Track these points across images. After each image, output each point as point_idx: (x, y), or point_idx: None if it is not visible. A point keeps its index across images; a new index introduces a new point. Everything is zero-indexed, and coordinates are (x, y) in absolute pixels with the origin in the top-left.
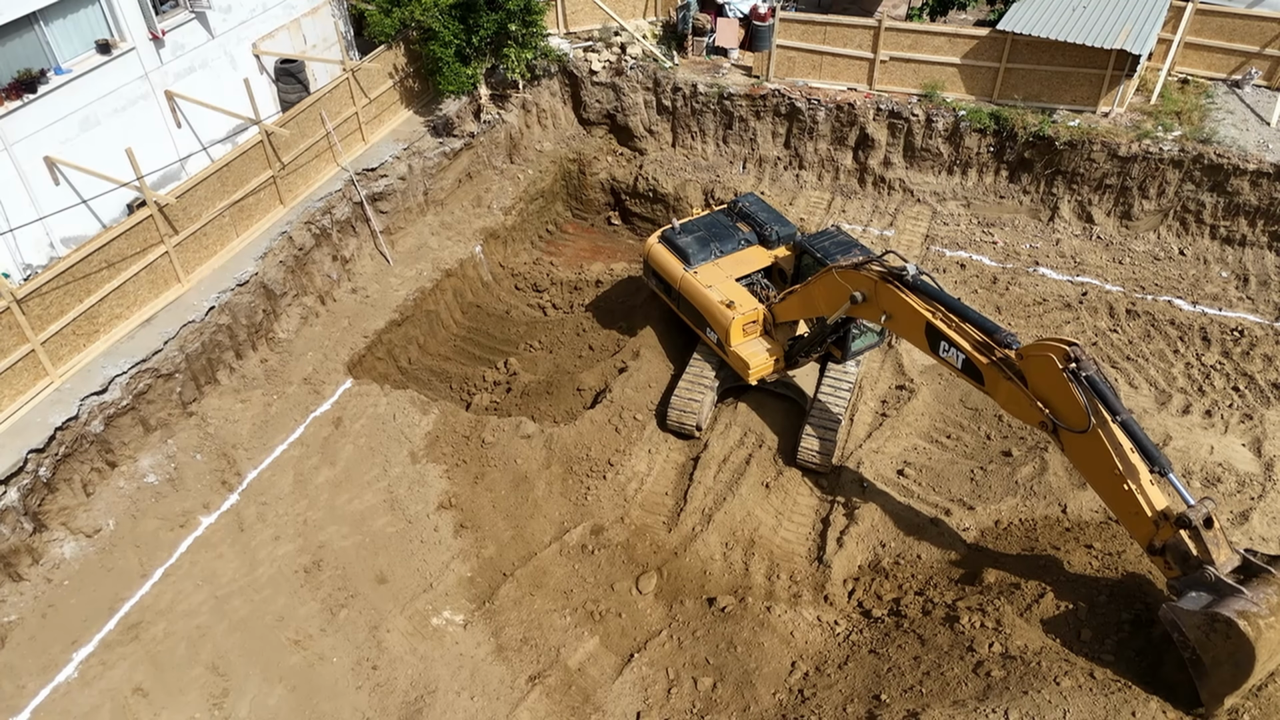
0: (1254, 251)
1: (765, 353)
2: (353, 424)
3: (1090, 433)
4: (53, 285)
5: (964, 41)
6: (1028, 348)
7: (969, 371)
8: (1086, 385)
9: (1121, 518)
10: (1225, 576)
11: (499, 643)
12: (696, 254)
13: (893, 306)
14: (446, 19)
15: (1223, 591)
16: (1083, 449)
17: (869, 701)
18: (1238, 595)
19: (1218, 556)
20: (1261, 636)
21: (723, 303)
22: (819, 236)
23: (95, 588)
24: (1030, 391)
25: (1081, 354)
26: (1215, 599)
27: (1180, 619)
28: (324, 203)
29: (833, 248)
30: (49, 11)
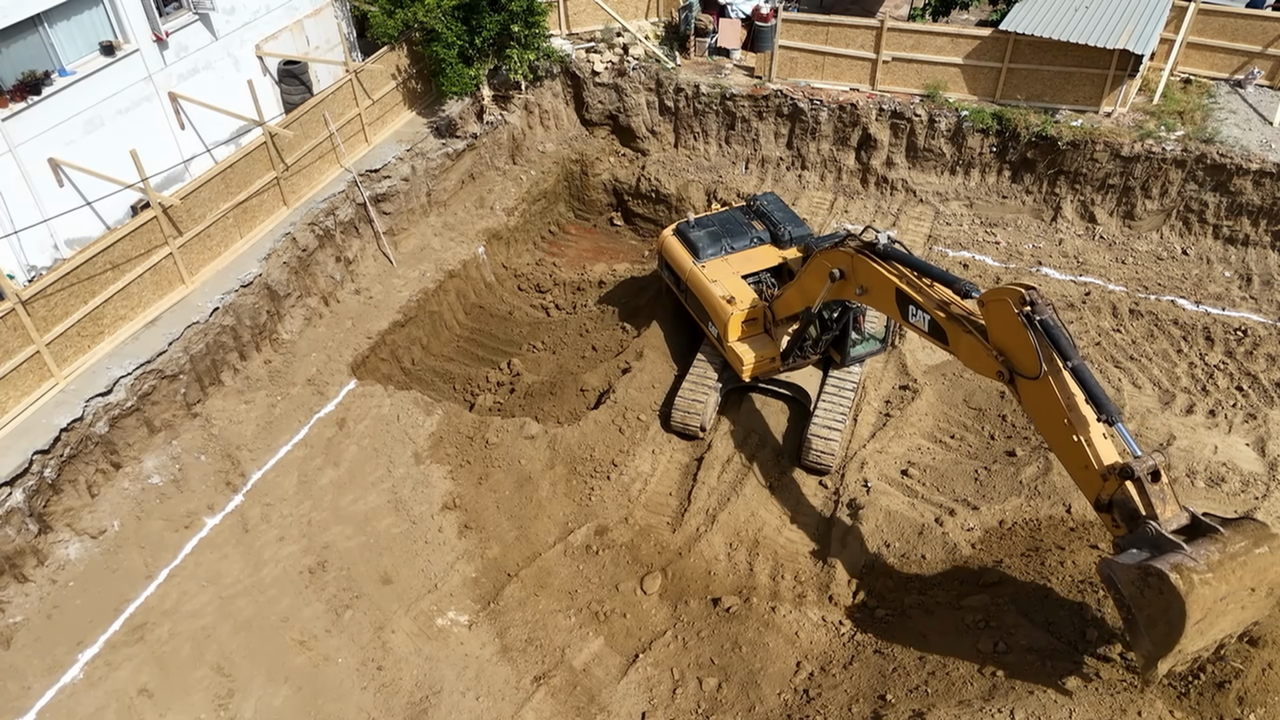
0: (1257, 251)
1: (762, 350)
2: (356, 425)
3: (1042, 380)
4: (57, 287)
5: (966, 42)
6: (988, 293)
7: (935, 333)
8: (1040, 329)
9: (1072, 473)
10: (1169, 533)
11: (504, 643)
12: (706, 248)
13: (866, 278)
14: (449, 20)
15: (1163, 547)
16: (1036, 397)
17: (874, 701)
18: (1177, 550)
19: (1162, 511)
20: (1194, 591)
21: (724, 298)
22: (828, 239)
23: (100, 589)
24: (991, 342)
25: (1038, 298)
26: (1154, 554)
27: (1115, 573)
28: (327, 204)
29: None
30: (53, 13)
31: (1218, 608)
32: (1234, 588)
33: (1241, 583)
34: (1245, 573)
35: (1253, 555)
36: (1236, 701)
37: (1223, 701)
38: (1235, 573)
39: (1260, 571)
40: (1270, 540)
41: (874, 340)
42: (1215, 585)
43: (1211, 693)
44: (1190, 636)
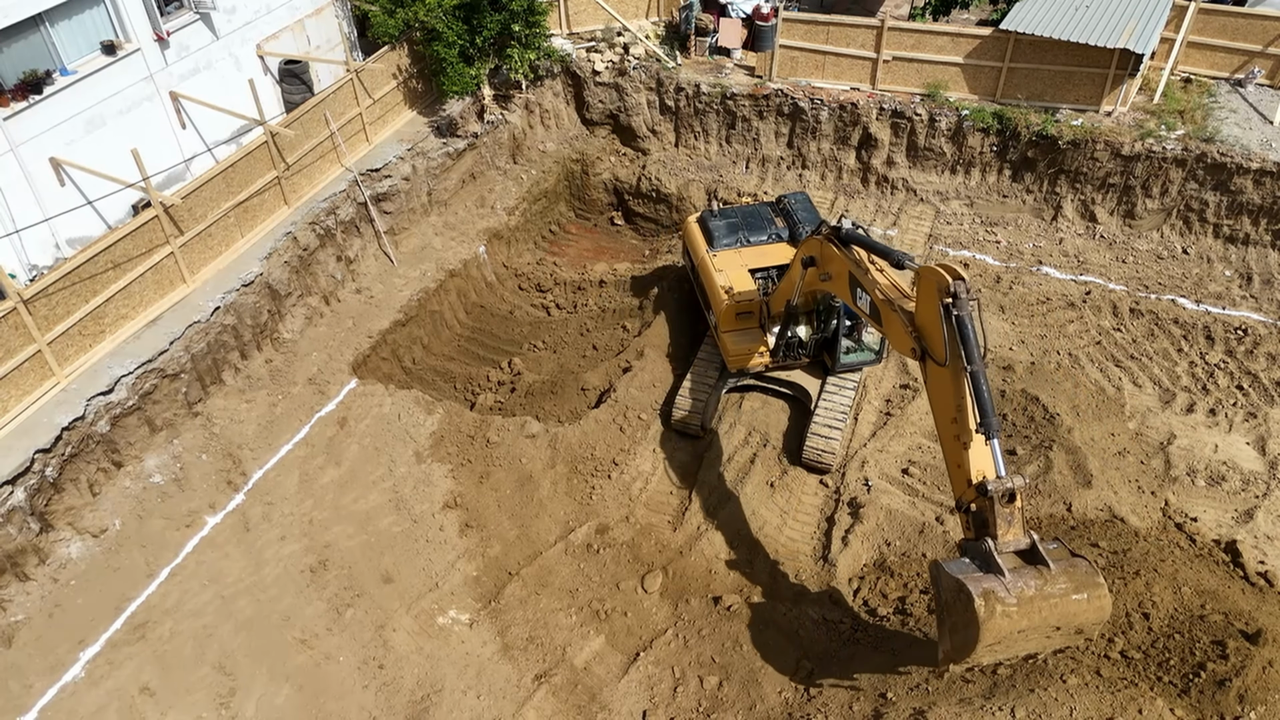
0: (1257, 250)
1: (751, 343)
2: (358, 424)
3: (946, 370)
4: (59, 286)
5: (967, 41)
6: (923, 268)
7: (874, 314)
8: (953, 324)
9: (947, 465)
10: (1001, 554)
11: (505, 642)
12: (722, 238)
13: (827, 262)
14: (450, 20)
15: (990, 567)
16: (937, 384)
17: (875, 699)
18: (997, 575)
19: (1004, 533)
20: (992, 620)
21: (724, 287)
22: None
23: (102, 587)
24: (916, 315)
25: (963, 290)
26: (977, 571)
27: (940, 576)
28: (328, 203)
29: None
30: (54, 13)
31: (1015, 637)
32: (1035, 624)
33: (1045, 621)
34: (1053, 614)
35: (1067, 599)
36: (1237, 699)
37: (1223, 699)
38: (1042, 612)
39: (1069, 616)
40: (1092, 589)
41: (868, 351)
42: (1016, 619)
43: (1212, 690)
44: (982, 654)
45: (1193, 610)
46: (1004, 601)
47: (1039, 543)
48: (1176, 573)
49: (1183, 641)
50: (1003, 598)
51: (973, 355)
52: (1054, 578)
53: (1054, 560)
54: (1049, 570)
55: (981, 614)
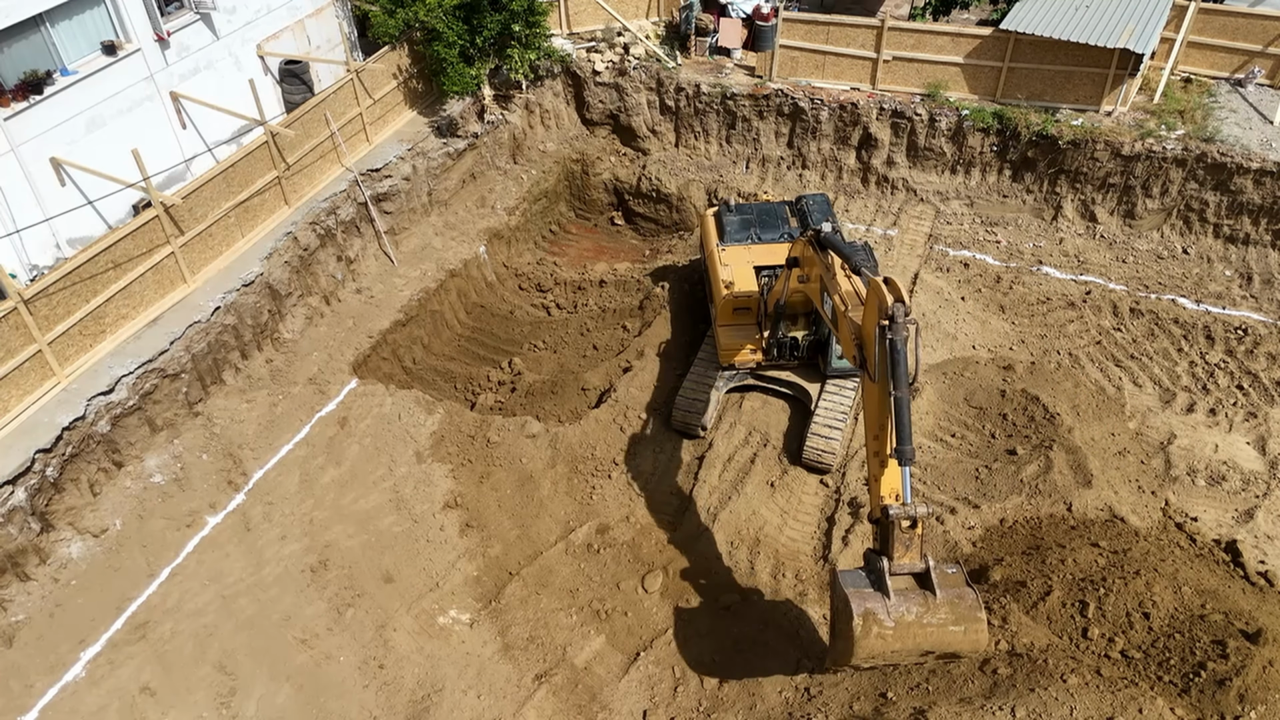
0: (1257, 250)
1: (744, 340)
2: (358, 424)
3: (876, 387)
4: (59, 286)
5: (967, 41)
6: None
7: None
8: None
9: (869, 476)
10: (893, 574)
11: (505, 641)
12: (733, 233)
13: (807, 265)
14: (450, 20)
15: (880, 585)
16: (868, 398)
17: (875, 699)
18: (883, 596)
19: (900, 556)
20: (866, 640)
21: (725, 281)
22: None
23: (102, 587)
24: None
25: (900, 314)
26: (867, 587)
27: (834, 584)
28: (329, 203)
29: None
30: (55, 13)
31: (889, 655)
32: (908, 648)
33: (918, 645)
34: (928, 641)
35: (944, 629)
36: (1237, 699)
37: (1223, 699)
38: (916, 637)
39: (944, 644)
40: (971, 623)
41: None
42: (890, 641)
43: (1212, 690)
44: (859, 664)
45: (1193, 610)
46: (881, 624)
47: (933, 569)
48: (1177, 572)
49: (1183, 641)
50: (881, 620)
51: (899, 381)
52: (937, 607)
53: (943, 588)
54: (934, 598)
55: (857, 633)
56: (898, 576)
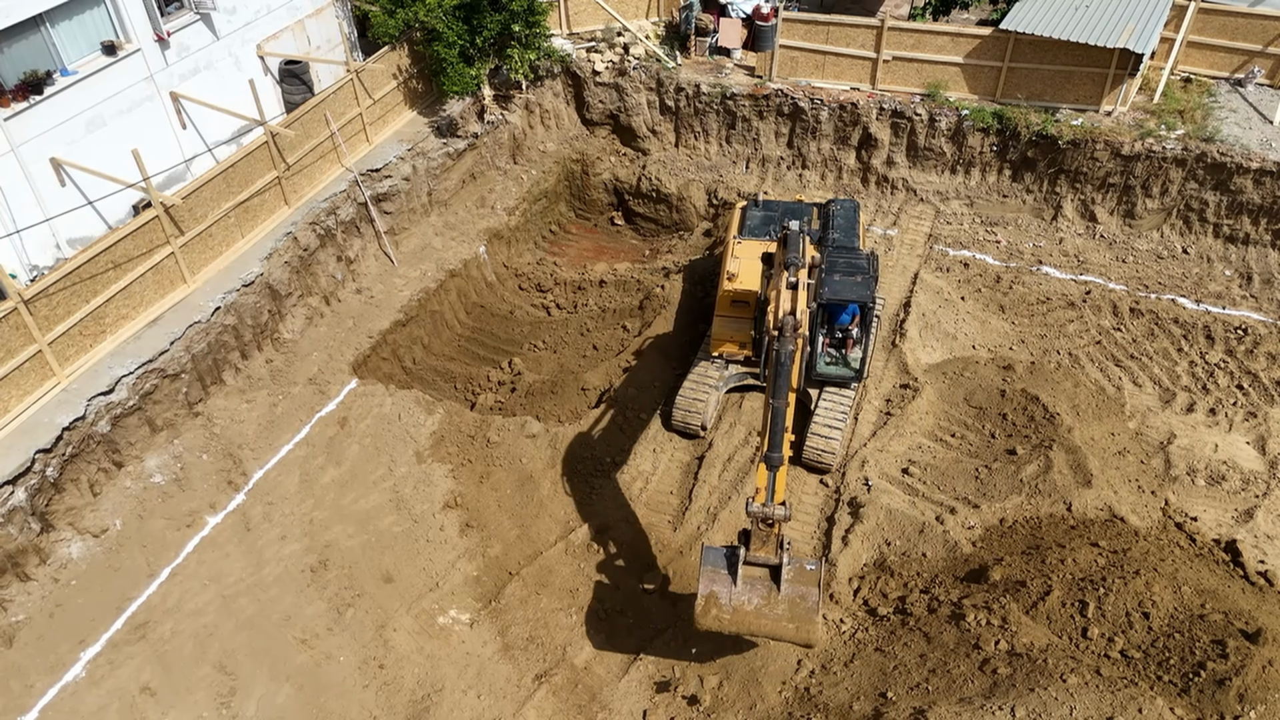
0: (1257, 250)
1: (734, 332)
2: (358, 424)
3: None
4: (60, 286)
5: (967, 41)
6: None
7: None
8: (772, 356)
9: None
10: (746, 563)
11: (505, 641)
12: (753, 228)
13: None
14: (450, 20)
15: (733, 571)
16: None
17: (875, 699)
18: (730, 582)
19: (755, 549)
20: (705, 619)
21: (729, 273)
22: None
23: (102, 587)
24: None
25: (788, 328)
26: (722, 569)
27: (702, 558)
28: (328, 203)
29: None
30: (55, 13)
31: (726, 630)
32: (744, 630)
33: (752, 631)
34: (762, 629)
35: (779, 623)
36: (1237, 698)
37: (1223, 698)
38: (751, 625)
39: (775, 634)
40: (805, 623)
41: (847, 367)
42: (726, 623)
43: (1212, 690)
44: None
45: (1193, 609)
46: (720, 607)
47: (786, 566)
48: (1176, 572)
49: (1183, 641)
50: (720, 604)
51: (778, 391)
52: (777, 602)
53: (791, 584)
54: (778, 593)
55: (697, 611)
56: (751, 566)
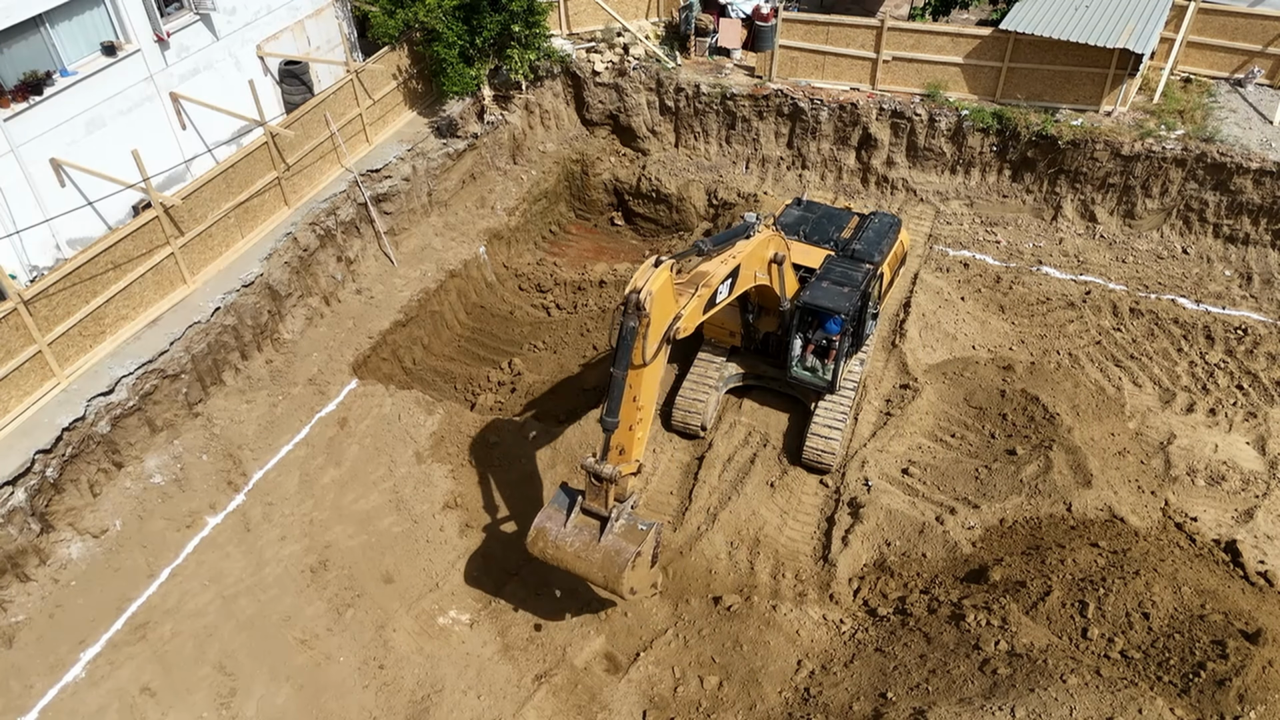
0: (1257, 250)
1: (729, 322)
2: (358, 424)
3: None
4: (59, 286)
5: (966, 41)
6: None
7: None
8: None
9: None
10: (581, 510)
11: (505, 642)
12: (786, 225)
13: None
14: (450, 20)
15: (567, 513)
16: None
17: (875, 699)
18: (562, 522)
19: (589, 499)
20: (534, 547)
21: None
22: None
23: (102, 588)
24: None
25: (631, 304)
26: (561, 509)
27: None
28: (328, 204)
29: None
30: (55, 14)
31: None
32: (564, 567)
33: (570, 569)
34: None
35: (591, 569)
36: (1237, 699)
37: (1223, 699)
38: (568, 563)
39: (589, 578)
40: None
41: (818, 377)
42: (549, 557)
43: (1212, 690)
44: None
45: (1193, 610)
46: (546, 541)
47: (613, 521)
48: (1176, 572)
49: (1183, 641)
50: (549, 539)
51: (617, 360)
52: (595, 549)
53: (614, 536)
54: (598, 543)
55: (528, 540)
56: (584, 514)
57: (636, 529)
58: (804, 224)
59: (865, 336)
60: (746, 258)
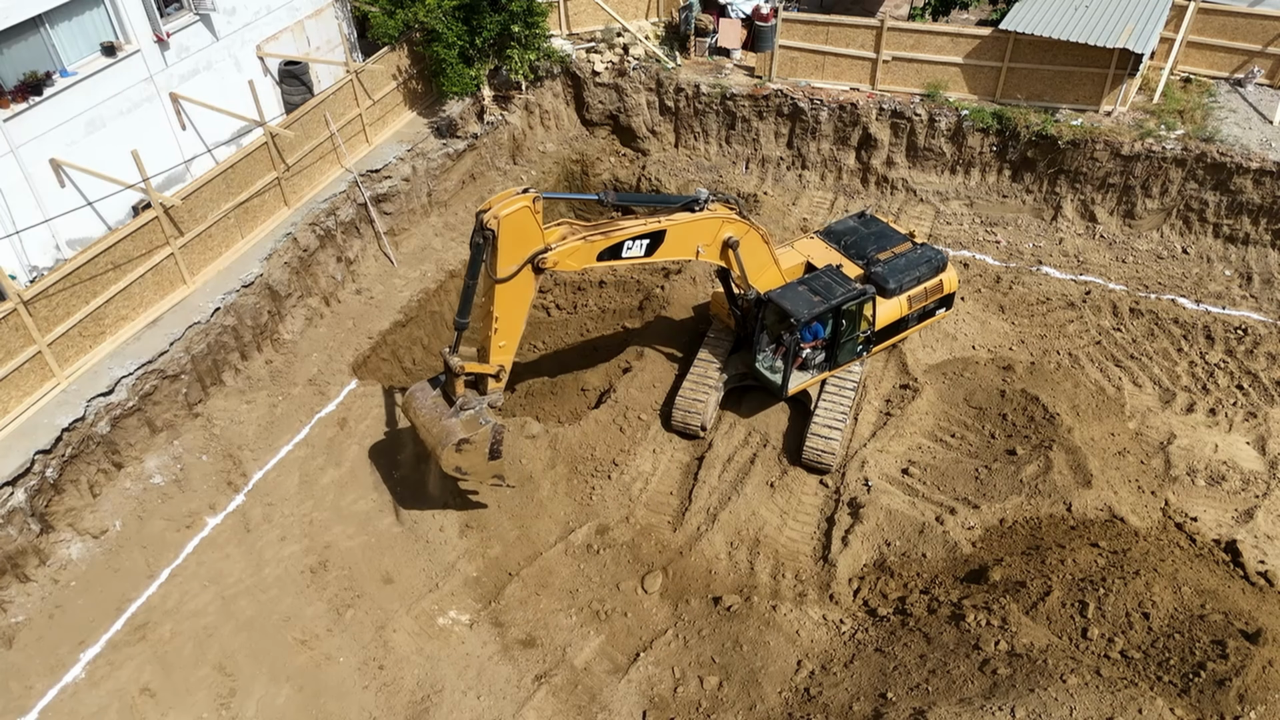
0: (1257, 250)
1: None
2: (358, 425)
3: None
4: (59, 287)
5: (966, 41)
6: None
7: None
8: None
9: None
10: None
11: (505, 642)
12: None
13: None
14: (450, 20)
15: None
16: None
17: (875, 700)
18: (428, 394)
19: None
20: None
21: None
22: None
23: (102, 588)
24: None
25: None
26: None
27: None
28: (328, 204)
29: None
30: (54, 14)
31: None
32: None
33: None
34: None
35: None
36: (1237, 699)
37: (1223, 699)
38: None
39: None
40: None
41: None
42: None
43: (1212, 690)
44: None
45: (1193, 610)
46: (411, 405)
47: (461, 407)
48: (1176, 572)
49: (1183, 641)
50: (412, 404)
51: (468, 269)
52: (437, 425)
53: (450, 419)
54: (442, 420)
55: (400, 402)
56: (442, 394)
57: (477, 421)
58: (851, 235)
59: (839, 358)
60: (677, 228)
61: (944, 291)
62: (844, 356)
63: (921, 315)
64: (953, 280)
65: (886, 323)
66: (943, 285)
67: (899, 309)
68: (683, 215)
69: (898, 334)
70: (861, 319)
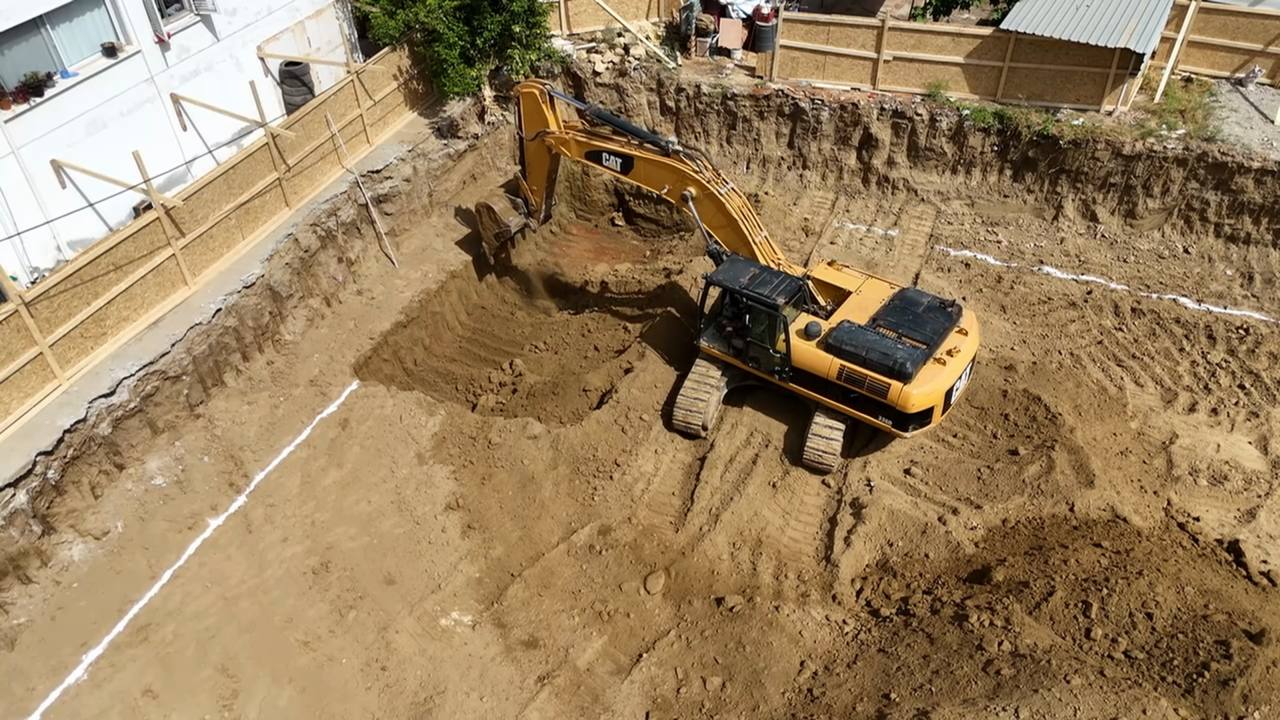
0: (1259, 249)
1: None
2: (359, 425)
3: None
4: (60, 288)
5: (967, 41)
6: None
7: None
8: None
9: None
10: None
11: (507, 643)
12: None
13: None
14: (451, 21)
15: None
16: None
17: (878, 700)
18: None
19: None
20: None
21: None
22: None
23: (104, 590)
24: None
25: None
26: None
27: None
28: (329, 205)
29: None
30: (55, 15)
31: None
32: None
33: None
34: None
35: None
36: (1241, 699)
37: (1227, 699)
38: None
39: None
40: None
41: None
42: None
43: (1216, 690)
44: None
45: (1196, 610)
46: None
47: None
48: (1179, 572)
49: (1186, 641)
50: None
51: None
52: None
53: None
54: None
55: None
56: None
57: (514, 213)
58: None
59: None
60: (643, 161)
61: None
62: (760, 362)
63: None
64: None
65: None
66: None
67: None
68: (653, 152)
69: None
70: (769, 333)
